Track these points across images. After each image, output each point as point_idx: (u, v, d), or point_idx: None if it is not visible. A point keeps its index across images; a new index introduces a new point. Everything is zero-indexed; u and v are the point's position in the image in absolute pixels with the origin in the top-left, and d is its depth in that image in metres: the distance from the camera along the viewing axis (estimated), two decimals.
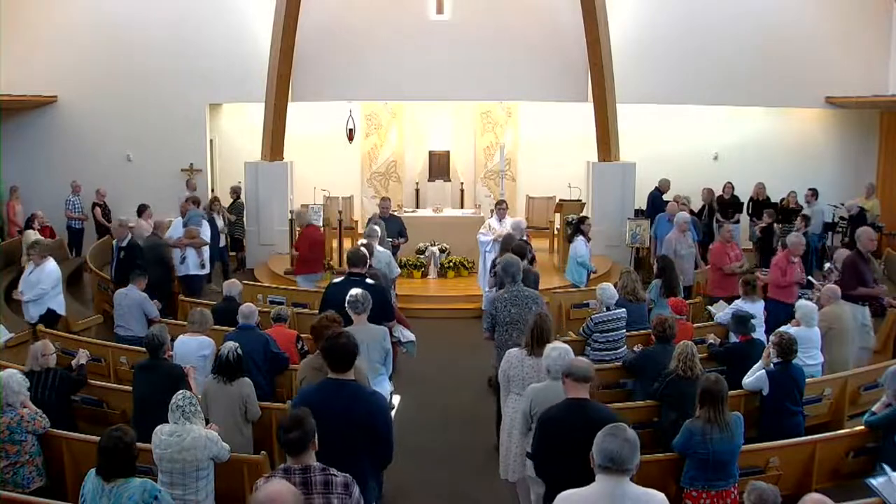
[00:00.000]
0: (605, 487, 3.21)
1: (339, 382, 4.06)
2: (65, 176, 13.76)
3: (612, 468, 3.20)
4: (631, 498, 3.20)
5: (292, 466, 3.38)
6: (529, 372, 5.31)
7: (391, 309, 6.71)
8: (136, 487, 3.80)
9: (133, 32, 13.78)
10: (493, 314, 6.49)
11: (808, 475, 5.48)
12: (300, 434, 3.35)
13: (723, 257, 9.33)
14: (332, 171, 14.44)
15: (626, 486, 3.22)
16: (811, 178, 14.34)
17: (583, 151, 14.11)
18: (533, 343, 5.33)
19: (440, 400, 8.05)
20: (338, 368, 4.07)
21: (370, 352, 5.47)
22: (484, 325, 6.68)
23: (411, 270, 12.15)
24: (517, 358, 5.43)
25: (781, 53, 13.99)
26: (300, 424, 3.37)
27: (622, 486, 3.21)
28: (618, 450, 3.20)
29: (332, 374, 4.10)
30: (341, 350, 4.06)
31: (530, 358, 5.34)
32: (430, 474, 6.53)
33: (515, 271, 6.52)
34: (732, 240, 9.62)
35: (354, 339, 4.17)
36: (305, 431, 3.37)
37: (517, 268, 6.57)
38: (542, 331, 5.30)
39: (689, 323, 7.61)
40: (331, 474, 3.38)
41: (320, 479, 3.35)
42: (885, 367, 5.96)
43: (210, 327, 6.72)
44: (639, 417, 5.89)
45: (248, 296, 8.90)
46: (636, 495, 3.23)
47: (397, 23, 13.75)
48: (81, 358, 6.39)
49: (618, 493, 3.19)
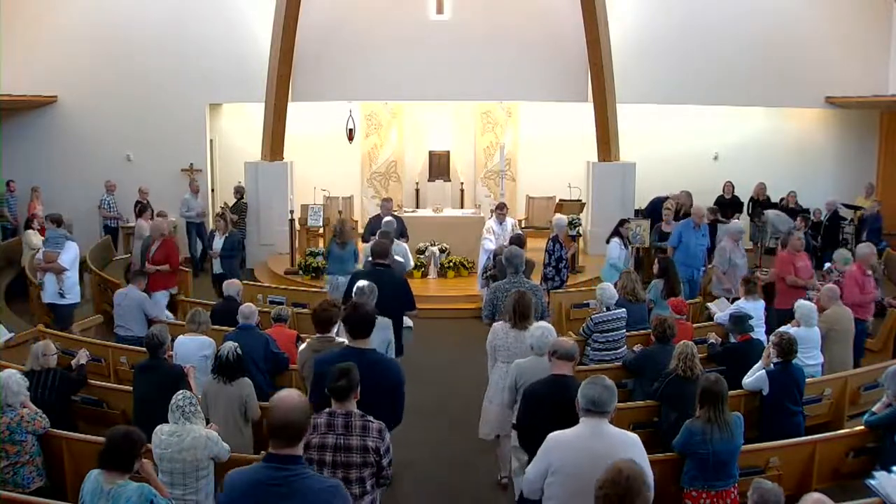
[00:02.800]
0: (587, 427, 3.78)
1: (360, 350, 4.50)
2: (65, 176, 13.77)
3: (594, 410, 3.76)
4: (609, 435, 3.76)
5: (336, 410, 3.89)
6: (513, 342, 5.83)
7: (412, 298, 7.09)
8: (133, 491, 3.80)
9: (133, 32, 13.78)
10: (494, 302, 6.73)
11: (808, 475, 5.48)
12: (346, 383, 3.86)
13: (788, 267, 8.61)
14: (332, 171, 14.44)
15: (605, 426, 3.78)
16: (811, 178, 14.40)
17: (583, 151, 14.11)
18: (515, 318, 5.84)
19: (440, 400, 8.05)
20: (358, 336, 4.55)
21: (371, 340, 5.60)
22: (485, 313, 6.92)
23: (411, 270, 12.14)
24: (502, 330, 5.95)
25: (781, 53, 14.00)
26: (347, 374, 3.88)
27: (602, 426, 3.77)
28: (598, 395, 3.75)
29: (352, 341, 4.57)
30: (361, 318, 4.55)
31: (514, 330, 5.86)
32: (429, 473, 6.54)
33: (519, 262, 6.84)
34: (801, 249, 8.92)
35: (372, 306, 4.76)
36: (351, 381, 3.88)
37: (521, 259, 6.89)
38: (522, 306, 5.83)
39: (689, 323, 7.62)
40: (368, 420, 3.89)
41: (359, 424, 3.86)
42: (885, 367, 5.96)
43: (210, 328, 6.73)
44: (639, 417, 5.90)
45: (248, 296, 8.90)
46: (614, 433, 3.78)
47: (397, 23, 13.74)
48: (81, 358, 6.39)
49: (597, 432, 3.75)
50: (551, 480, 3.78)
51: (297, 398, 3.14)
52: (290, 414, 3.06)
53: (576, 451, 3.72)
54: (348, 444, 3.83)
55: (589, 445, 3.70)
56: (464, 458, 6.80)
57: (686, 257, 9.86)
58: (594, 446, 3.68)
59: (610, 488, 2.97)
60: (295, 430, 3.05)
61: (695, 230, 10.06)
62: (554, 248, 9.72)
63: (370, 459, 3.83)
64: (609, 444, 3.68)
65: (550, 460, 3.78)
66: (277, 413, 3.08)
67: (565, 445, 3.77)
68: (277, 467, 3.04)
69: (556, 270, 9.69)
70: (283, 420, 3.05)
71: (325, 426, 3.86)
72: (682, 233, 10.07)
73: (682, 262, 9.70)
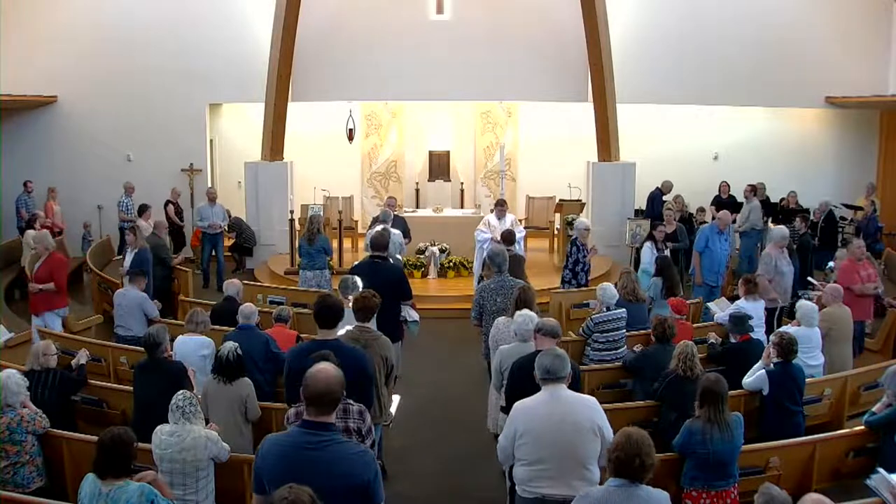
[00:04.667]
0: (547, 393, 4.22)
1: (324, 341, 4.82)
2: (65, 176, 13.77)
3: (549, 378, 4.19)
4: (567, 398, 4.20)
5: None
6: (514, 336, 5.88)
7: (409, 289, 7.31)
8: (133, 491, 3.78)
9: (133, 32, 13.78)
10: (480, 303, 6.82)
11: (808, 475, 5.48)
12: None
13: (852, 276, 8.22)
14: (332, 171, 14.44)
15: (563, 390, 4.22)
16: (811, 178, 14.39)
17: (583, 151, 14.11)
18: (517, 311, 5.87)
19: (440, 400, 8.06)
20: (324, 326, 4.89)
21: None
22: (472, 314, 7.00)
23: (411, 270, 12.14)
24: (504, 324, 6.09)
25: (781, 53, 14.00)
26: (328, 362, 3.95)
27: (558, 391, 4.20)
28: (551, 363, 4.18)
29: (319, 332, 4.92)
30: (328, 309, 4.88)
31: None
32: (429, 471, 6.54)
33: (501, 261, 6.93)
34: (864, 256, 8.50)
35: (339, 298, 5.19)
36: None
37: (503, 258, 6.99)
38: (525, 301, 5.95)
39: (688, 323, 7.62)
40: (349, 403, 4.13)
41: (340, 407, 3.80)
42: (885, 367, 5.96)
43: (209, 328, 6.72)
44: (639, 417, 5.88)
45: (248, 296, 8.88)
46: (571, 396, 4.23)
47: (397, 23, 13.75)
48: (81, 358, 6.39)
49: (556, 396, 4.18)
50: (520, 443, 4.19)
51: (335, 370, 3.36)
52: (332, 383, 3.28)
53: (538, 415, 4.16)
54: None
55: (550, 409, 4.15)
56: (465, 455, 6.81)
57: (712, 263, 9.67)
58: (554, 409, 4.14)
59: (622, 451, 3.35)
60: (332, 399, 3.28)
61: (719, 235, 9.80)
62: (571, 251, 9.64)
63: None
64: (568, 406, 4.15)
65: (516, 426, 4.20)
66: (319, 384, 3.27)
67: (529, 411, 4.20)
68: (313, 433, 3.26)
69: (572, 273, 9.58)
70: (325, 389, 3.25)
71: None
72: (709, 238, 9.75)
73: (709, 269, 9.57)
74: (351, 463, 3.24)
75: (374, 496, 3.28)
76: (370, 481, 3.25)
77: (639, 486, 3.37)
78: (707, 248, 9.75)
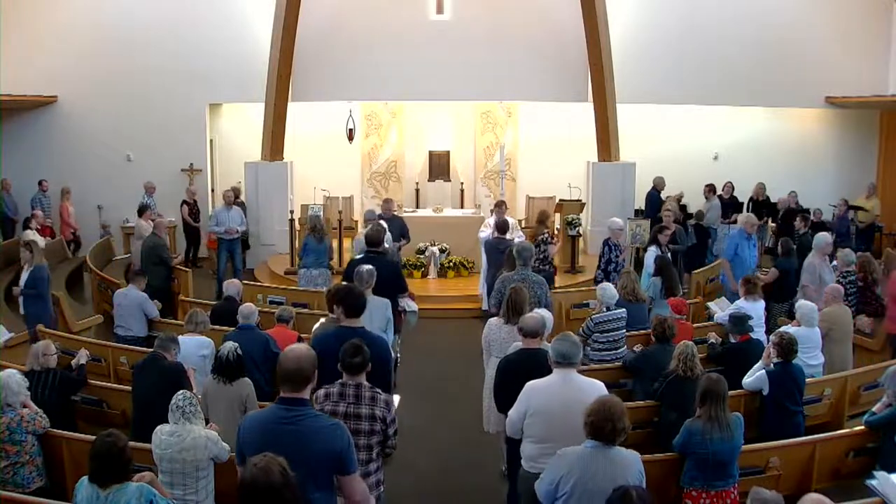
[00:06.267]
0: (559, 375, 4.47)
1: (352, 329, 4.93)
2: (65, 176, 13.74)
3: (563, 362, 4.45)
4: (577, 381, 4.45)
5: (348, 382, 4.25)
6: (506, 336, 6.00)
7: (404, 282, 7.64)
8: (132, 492, 3.76)
9: (133, 32, 13.77)
10: (502, 291, 6.86)
11: (808, 475, 5.48)
12: (361, 359, 4.23)
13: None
14: (332, 171, 14.42)
15: (574, 375, 4.47)
16: (811, 178, 14.39)
17: (583, 151, 14.11)
18: (508, 313, 6.01)
19: (440, 400, 8.06)
20: (351, 315, 5.04)
21: (373, 319, 6.03)
22: (492, 302, 7.20)
23: (411, 270, 12.14)
24: (496, 325, 6.18)
25: (781, 53, 14.00)
26: (361, 352, 4.24)
27: (570, 374, 4.46)
28: (567, 349, 4.44)
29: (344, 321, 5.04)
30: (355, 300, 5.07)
31: (507, 325, 6.03)
32: (429, 472, 6.55)
33: (527, 256, 7.20)
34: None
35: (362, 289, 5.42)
36: (364, 358, 4.24)
37: (529, 253, 7.28)
38: (516, 303, 6.01)
39: (688, 323, 7.62)
40: (377, 392, 4.28)
41: (368, 395, 4.24)
42: (885, 367, 5.96)
43: (208, 328, 6.72)
44: (639, 417, 5.89)
45: (248, 296, 8.89)
46: (581, 380, 4.48)
47: (397, 23, 13.75)
48: (81, 358, 6.39)
49: (567, 379, 4.44)
50: (530, 421, 4.45)
51: (306, 350, 3.66)
52: (302, 362, 3.55)
53: (549, 396, 4.42)
54: (358, 413, 4.19)
55: (560, 391, 4.41)
56: (465, 453, 6.82)
57: (743, 269, 9.09)
58: (565, 391, 4.39)
59: (596, 415, 3.72)
60: (304, 377, 3.54)
61: (748, 240, 9.47)
62: (604, 251, 9.49)
63: (377, 428, 4.21)
64: (578, 389, 4.38)
65: (529, 404, 4.45)
66: (290, 362, 3.54)
67: (541, 391, 4.46)
68: (288, 408, 3.53)
69: (605, 274, 9.28)
70: (295, 367, 3.52)
71: (337, 395, 4.22)
72: (738, 244, 9.39)
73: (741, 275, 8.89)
74: (324, 434, 3.50)
75: (347, 464, 3.55)
76: (343, 450, 3.51)
77: (611, 447, 3.73)
78: (736, 255, 9.38)
